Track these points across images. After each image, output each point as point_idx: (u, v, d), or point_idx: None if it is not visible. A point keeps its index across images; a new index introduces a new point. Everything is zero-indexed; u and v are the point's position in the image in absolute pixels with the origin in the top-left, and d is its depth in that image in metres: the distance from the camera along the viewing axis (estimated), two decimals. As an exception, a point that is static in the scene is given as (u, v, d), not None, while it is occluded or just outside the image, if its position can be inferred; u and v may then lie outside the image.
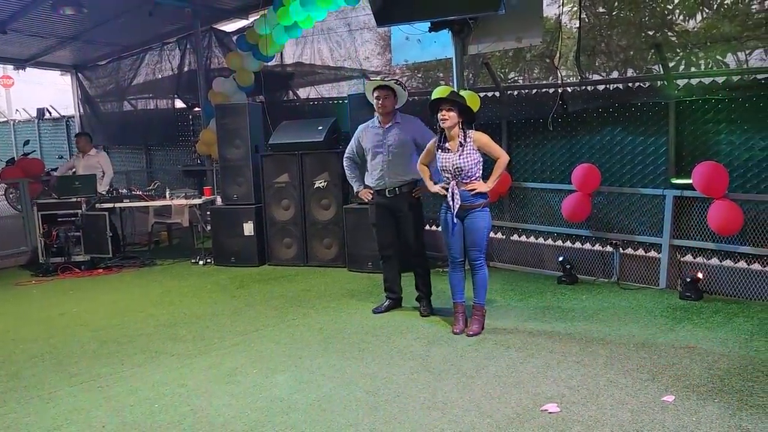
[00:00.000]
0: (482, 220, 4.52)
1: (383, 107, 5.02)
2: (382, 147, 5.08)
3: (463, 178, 4.48)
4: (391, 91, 5.03)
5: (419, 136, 5.04)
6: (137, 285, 6.77)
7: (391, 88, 5.04)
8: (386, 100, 5.02)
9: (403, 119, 5.13)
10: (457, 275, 4.71)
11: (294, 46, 8.88)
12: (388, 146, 5.06)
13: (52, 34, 9.52)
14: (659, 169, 5.74)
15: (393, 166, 5.05)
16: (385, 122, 5.10)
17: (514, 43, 6.18)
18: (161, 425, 3.32)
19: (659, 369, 3.75)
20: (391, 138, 5.06)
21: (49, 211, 7.59)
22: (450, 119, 4.43)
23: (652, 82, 5.73)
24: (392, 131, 5.07)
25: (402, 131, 5.06)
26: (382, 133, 5.09)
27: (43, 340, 4.91)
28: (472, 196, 4.49)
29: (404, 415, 3.29)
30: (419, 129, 5.11)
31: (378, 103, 5.01)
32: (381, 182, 5.12)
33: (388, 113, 5.07)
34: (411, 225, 5.11)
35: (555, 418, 3.17)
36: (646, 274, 5.79)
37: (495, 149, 4.58)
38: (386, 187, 5.10)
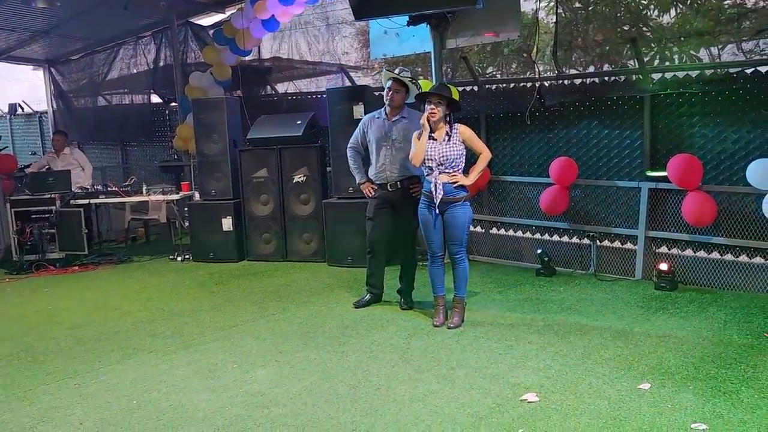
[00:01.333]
0: (463, 214, 4.54)
1: (393, 100, 4.96)
2: (386, 140, 5.03)
3: (447, 168, 4.50)
4: (403, 86, 4.96)
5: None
6: (114, 282, 6.68)
7: (405, 83, 4.97)
8: (397, 94, 4.96)
9: (410, 114, 5.06)
10: (437, 269, 4.72)
11: (272, 40, 8.83)
12: (392, 140, 5.01)
13: (23, 27, 9.32)
14: (635, 162, 5.82)
15: (396, 160, 5.00)
16: (392, 115, 5.03)
17: (492, 38, 6.22)
18: (140, 421, 3.29)
19: (635, 358, 3.82)
20: (396, 132, 5.00)
21: (23, 207, 7.46)
22: (438, 114, 4.47)
23: (628, 76, 5.80)
24: (398, 125, 5.01)
25: (407, 126, 4.97)
26: (387, 126, 5.04)
27: (18, 339, 4.83)
28: (455, 188, 4.50)
29: (385, 408, 3.30)
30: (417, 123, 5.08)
31: (389, 94, 4.95)
32: (383, 175, 5.07)
33: (397, 107, 5.01)
34: (407, 218, 5.03)
35: (534, 408, 3.21)
36: (622, 266, 5.88)
37: (478, 144, 4.63)
38: (387, 180, 5.05)
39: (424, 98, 4.56)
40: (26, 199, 7.55)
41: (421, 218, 4.68)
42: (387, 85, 4.97)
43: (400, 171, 5.02)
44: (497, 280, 5.94)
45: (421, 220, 4.68)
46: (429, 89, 4.72)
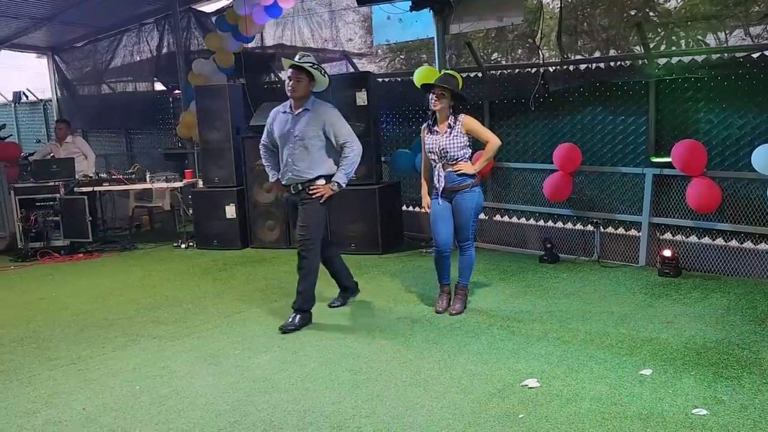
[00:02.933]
0: (470, 201, 4.49)
1: (294, 90, 4.34)
2: (289, 136, 4.43)
3: (449, 161, 4.47)
4: (305, 73, 4.35)
5: (329, 127, 4.39)
6: (118, 269, 6.71)
7: (307, 70, 4.36)
8: (298, 83, 4.34)
9: (315, 106, 4.43)
10: (442, 261, 4.64)
11: (275, 27, 8.78)
12: (294, 136, 4.39)
13: (26, 14, 9.30)
14: (639, 148, 5.78)
15: (297, 159, 4.40)
16: (295, 108, 4.42)
17: (496, 23, 6.16)
18: (143, 406, 3.31)
19: (637, 344, 3.81)
20: (299, 127, 4.38)
21: (27, 195, 7.48)
22: (440, 104, 4.43)
23: (633, 62, 5.75)
24: (300, 119, 4.39)
25: (311, 120, 4.38)
26: (290, 121, 4.43)
27: (22, 325, 4.86)
28: (459, 176, 4.48)
29: (387, 393, 3.31)
30: (331, 118, 4.42)
31: (288, 84, 4.35)
32: (285, 177, 4.51)
33: (300, 98, 4.39)
34: (308, 214, 4.44)
35: (535, 393, 3.21)
36: (626, 252, 5.86)
37: (484, 133, 4.55)
38: (289, 182, 4.50)
39: (429, 89, 4.51)
40: (30, 187, 7.56)
41: (431, 210, 4.63)
42: (287, 75, 4.38)
43: (302, 173, 4.42)
44: (500, 266, 5.93)
45: (431, 213, 4.63)
46: (434, 79, 4.67)
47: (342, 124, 4.46)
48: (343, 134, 4.43)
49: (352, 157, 4.43)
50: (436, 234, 4.60)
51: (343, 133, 4.44)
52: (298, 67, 4.35)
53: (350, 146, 4.42)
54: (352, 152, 4.43)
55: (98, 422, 3.16)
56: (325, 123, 4.39)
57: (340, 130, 4.43)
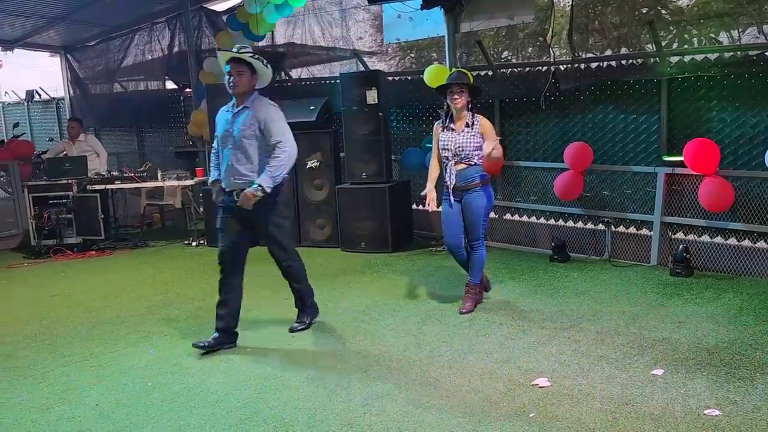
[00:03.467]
0: (480, 199, 4.48)
1: (234, 86, 4.00)
2: (228, 137, 4.10)
3: (462, 159, 4.47)
4: (247, 66, 4.02)
5: (264, 126, 4.02)
6: (130, 266, 6.76)
7: (248, 62, 4.02)
8: (239, 76, 4.00)
9: (256, 103, 4.07)
10: (461, 262, 4.67)
11: (285, 25, 8.80)
12: (233, 136, 4.06)
13: (39, 14, 9.38)
14: (651, 147, 5.75)
15: (237, 160, 4.06)
16: (237, 105, 4.09)
17: (507, 21, 6.15)
18: (154, 403, 3.34)
19: (649, 344, 3.79)
20: (237, 125, 4.05)
21: (40, 193, 7.55)
22: (462, 103, 4.44)
23: (645, 60, 5.71)
24: (240, 117, 4.05)
25: (250, 118, 4.03)
26: (231, 119, 4.09)
27: (36, 322, 4.91)
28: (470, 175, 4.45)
29: (397, 391, 3.31)
30: (268, 115, 4.05)
31: (229, 80, 4.02)
32: (227, 182, 4.15)
33: (241, 94, 4.04)
34: (266, 228, 4.17)
35: (546, 392, 3.21)
36: (637, 252, 5.83)
37: (493, 137, 4.47)
38: (232, 188, 4.11)
39: (444, 90, 4.50)
40: (44, 185, 7.63)
41: (442, 212, 4.64)
42: (226, 69, 4.04)
43: (242, 176, 4.06)
44: (511, 265, 5.92)
45: (442, 214, 4.63)
46: (447, 78, 4.67)
47: (278, 122, 4.06)
48: (276, 132, 4.01)
49: (283, 159, 3.99)
50: (446, 236, 4.62)
51: (276, 132, 4.02)
52: (238, 59, 4.00)
53: (282, 147, 3.99)
54: (283, 153, 3.99)
55: (111, 418, 3.19)
56: (261, 121, 4.02)
57: (274, 127, 4.02)
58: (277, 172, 3.99)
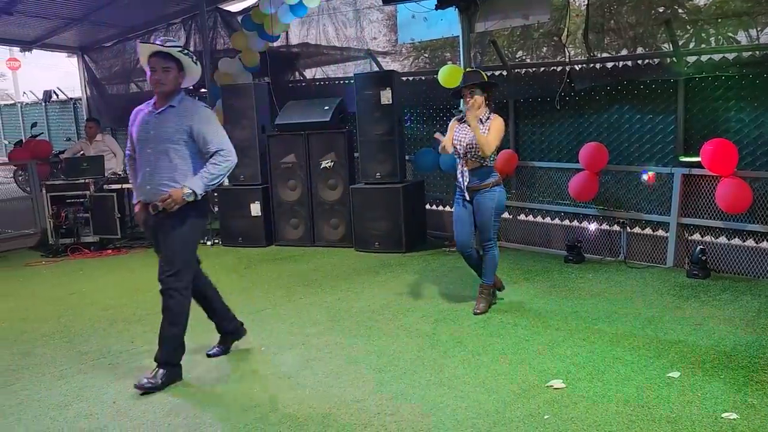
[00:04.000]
0: (491, 200, 4.48)
1: (159, 83, 3.51)
2: (147, 139, 3.57)
3: (471, 157, 4.47)
4: (174, 62, 3.54)
5: (198, 129, 3.53)
6: (146, 265, 6.81)
7: (175, 57, 3.53)
8: (165, 74, 3.51)
9: (183, 104, 3.59)
10: (471, 262, 4.67)
11: (300, 26, 8.83)
12: (154, 139, 3.54)
13: (57, 15, 9.48)
14: (667, 147, 5.70)
15: (157, 169, 3.53)
16: (159, 104, 3.59)
17: (522, 21, 6.12)
18: (170, 401, 3.37)
19: (665, 346, 3.76)
20: (160, 128, 3.54)
21: (58, 192, 7.64)
22: (476, 101, 4.44)
23: (662, 60, 5.66)
24: (162, 118, 3.55)
25: (174, 119, 3.53)
26: (152, 120, 3.58)
27: (53, 319, 4.97)
28: (480, 178, 4.46)
29: (411, 392, 3.32)
30: (201, 118, 3.57)
31: (152, 77, 3.53)
32: (142, 192, 3.62)
33: (166, 93, 3.55)
34: (171, 238, 3.58)
35: (560, 394, 3.19)
36: (653, 253, 5.78)
37: (492, 133, 4.41)
38: (147, 199, 3.58)
39: (459, 94, 4.54)
40: (61, 184, 7.72)
41: (453, 212, 4.66)
42: (147, 64, 3.55)
43: (163, 186, 3.52)
44: (525, 266, 5.90)
45: (453, 214, 4.66)
46: (460, 80, 4.67)
47: (215, 127, 3.60)
48: (215, 140, 3.55)
49: (221, 168, 3.54)
50: (455, 235, 4.63)
51: (216, 140, 3.55)
52: (165, 53, 3.51)
53: (225, 155, 3.54)
54: (225, 162, 3.54)
55: (128, 416, 3.22)
56: (192, 124, 3.52)
57: (212, 134, 3.55)
58: (213, 180, 3.52)
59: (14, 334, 4.67)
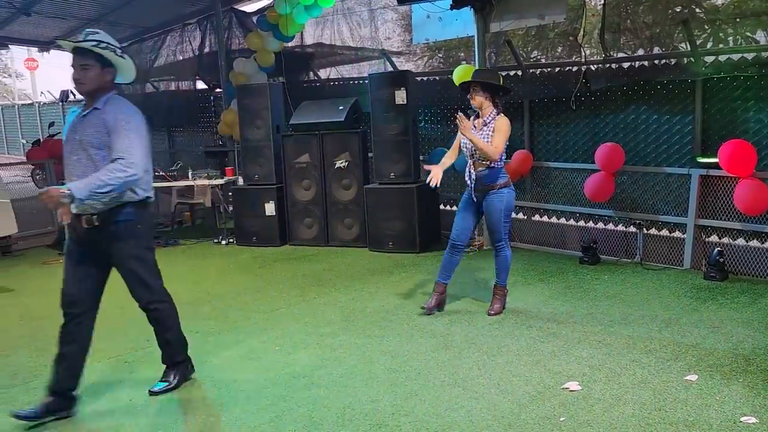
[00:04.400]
0: (499, 202, 4.45)
1: (76, 82, 3.23)
2: (73, 143, 3.25)
3: (478, 158, 4.45)
4: (94, 58, 3.21)
5: (113, 131, 3.16)
6: (161, 264, 6.76)
7: (97, 54, 3.21)
8: (83, 71, 3.20)
9: (108, 105, 3.23)
10: (450, 257, 4.60)
11: (314, 26, 8.85)
12: (78, 142, 3.23)
13: (75, 15, 9.59)
14: (685, 148, 5.64)
15: (82, 174, 3.16)
16: (86, 107, 3.29)
17: (537, 21, 6.10)
18: (186, 399, 3.39)
19: (682, 349, 3.72)
20: (83, 131, 3.23)
21: (75, 191, 7.69)
22: (477, 102, 4.45)
23: (679, 60, 5.61)
24: (86, 121, 3.24)
25: (98, 122, 3.20)
26: (78, 124, 3.28)
27: (70, 317, 5.01)
28: (489, 179, 4.43)
29: (425, 392, 3.31)
30: (116, 121, 3.17)
31: (72, 76, 3.23)
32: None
33: (90, 93, 3.24)
34: (125, 263, 3.32)
35: (576, 396, 3.18)
36: (670, 255, 5.73)
37: (497, 135, 4.37)
38: (80, 210, 3.19)
39: (466, 88, 4.53)
40: (78, 183, 7.78)
41: (461, 200, 4.64)
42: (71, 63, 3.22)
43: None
44: (539, 267, 5.87)
45: (460, 202, 4.64)
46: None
47: (128, 133, 3.17)
48: (119, 146, 3.14)
49: (114, 178, 3.07)
50: (454, 225, 4.60)
51: (121, 146, 3.14)
52: (83, 49, 3.20)
53: (124, 166, 3.09)
54: (121, 172, 3.08)
55: (144, 413, 3.25)
56: (109, 126, 3.18)
57: (120, 139, 3.15)
58: (101, 189, 3.04)
59: (32, 332, 4.72)
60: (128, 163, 3.11)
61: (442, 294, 4.66)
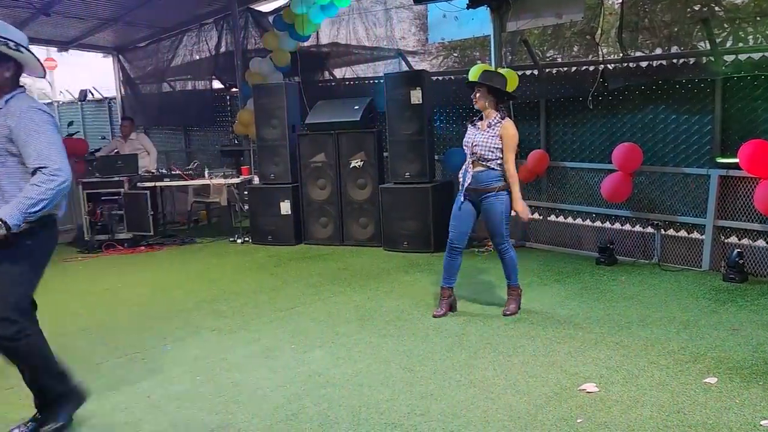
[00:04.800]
0: (500, 204, 4.40)
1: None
2: None
3: (479, 159, 4.41)
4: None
5: (17, 136, 2.80)
6: (178, 262, 6.92)
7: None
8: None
9: (11, 103, 2.85)
10: (451, 260, 4.57)
11: (330, 25, 8.87)
12: None
13: (93, 16, 9.68)
14: (704, 148, 5.58)
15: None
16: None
17: (555, 20, 6.06)
18: (203, 396, 3.41)
19: (701, 351, 3.69)
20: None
21: (94, 189, 7.80)
22: (478, 102, 4.43)
23: (698, 59, 5.55)
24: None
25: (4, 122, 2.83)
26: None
27: (89, 314, 5.08)
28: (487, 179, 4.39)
29: (441, 392, 3.31)
30: (21, 121, 2.80)
31: None
32: None
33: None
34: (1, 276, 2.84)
35: (593, 398, 3.15)
36: (688, 256, 5.67)
37: (507, 148, 4.34)
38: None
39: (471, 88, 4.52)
40: (97, 182, 7.88)
41: (453, 208, 4.59)
42: None
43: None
44: (555, 268, 5.84)
45: (452, 210, 4.59)
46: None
47: (41, 135, 2.80)
48: (36, 152, 2.79)
49: (44, 191, 2.75)
50: (452, 229, 4.56)
51: (37, 151, 2.79)
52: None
53: (50, 175, 2.77)
54: (50, 182, 2.77)
55: (163, 410, 3.28)
56: (12, 128, 2.80)
57: (34, 143, 2.79)
58: (33, 207, 2.74)
59: (53, 328, 4.73)
60: (53, 170, 2.77)
61: (450, 297, 4.63)
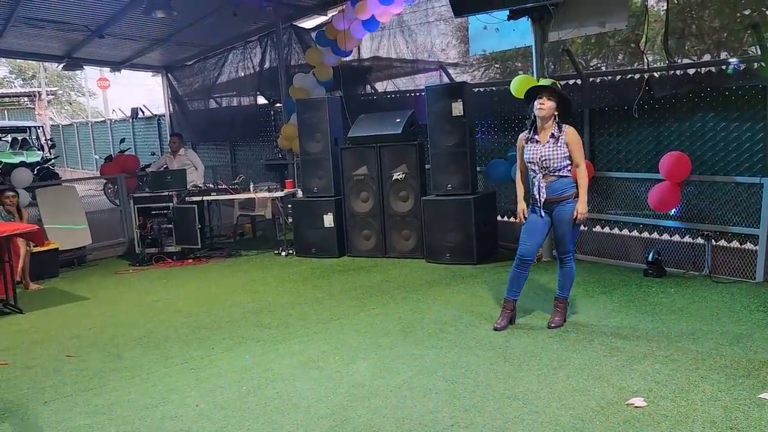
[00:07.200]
0: (572, 211, 4.34)
1: None
2: None
3: (551, 172, 4.36)
4: None
5: None
6: (224, 274, 7.07)
7: None
8: None
9: None
10: (519, 273, 4.51)
11: (371, 40, 8.99)
12: None
13: (144, 36, 10.07)
14: (756, 156, 5.41)
15: None
16: None
17: (598, 28, 6.00)
18: (249, 407, 3.48)
19: (756, 365, 3.56)
20: None
21: (144, 204, 8.05)
22: (547, 109, 4.31)
23: (748, 65, 5.41)
24: None
25: None
26: None
27: (140, 325, 5.24)
28: (561, 187, 4.34)
29: (484, 404, 3.29)
30: None
31: None
32: None
33: None
34: None
35: (641, 413, 3.09)
36: (740, 267, 5.49)
37: (579, 154, 4.34)
38: None
39: (532, 96, 4.39)
40: (147, 196, 8.14)
41: (528, 219, 4.50)
42: None
43: None
44: (601, 279, 5.73)
45: (527, 221, 4.50)
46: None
47: None
48: None
49: None
50: (522, 242, 4.48)
51: None
52: None
53: None
54: None
55: (210, 419, 3.36)
56: None
57: None
58: None
59: (106, 338, 4.95)
60: None
61: (512, 311, 4.58)
